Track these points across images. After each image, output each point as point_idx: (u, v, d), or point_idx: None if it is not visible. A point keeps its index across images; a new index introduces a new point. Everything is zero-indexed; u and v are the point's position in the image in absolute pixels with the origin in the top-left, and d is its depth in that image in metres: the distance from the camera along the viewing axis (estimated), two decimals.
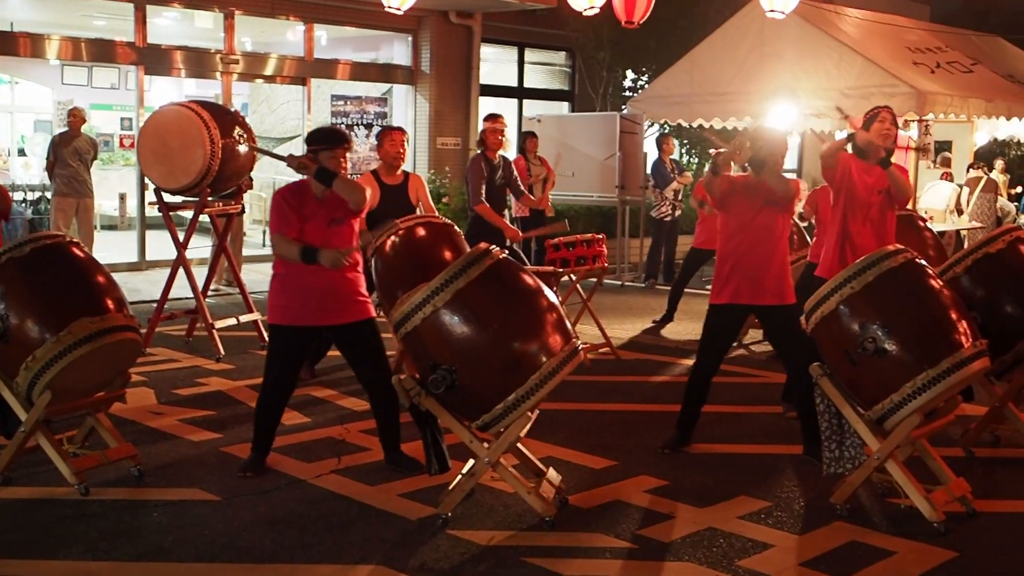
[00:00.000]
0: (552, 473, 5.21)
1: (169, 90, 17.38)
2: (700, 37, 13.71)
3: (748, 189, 6.00)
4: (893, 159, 6.34)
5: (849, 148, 6.38)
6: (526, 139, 12.91)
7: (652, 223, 13.75)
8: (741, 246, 5.95)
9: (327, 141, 5.49)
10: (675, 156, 16.69)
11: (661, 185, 13.40)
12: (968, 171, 15.28)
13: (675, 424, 6.19)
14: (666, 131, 15.60)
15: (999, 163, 17.94)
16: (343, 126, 15.27)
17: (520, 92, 18.43)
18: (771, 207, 5.96)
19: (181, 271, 8.54)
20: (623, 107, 15.52)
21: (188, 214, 8.94)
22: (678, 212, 13.60)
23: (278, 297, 5.53)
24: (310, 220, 5.44)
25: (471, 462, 4.98)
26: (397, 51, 16.60)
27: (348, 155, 5.52)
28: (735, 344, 8.59)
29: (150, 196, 8.65)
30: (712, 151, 12.34)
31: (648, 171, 14.08)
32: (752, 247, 5.94)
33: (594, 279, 8.93)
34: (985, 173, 15.05)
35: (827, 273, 5.95)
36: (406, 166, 7.88)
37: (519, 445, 5.11)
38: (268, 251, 15.08)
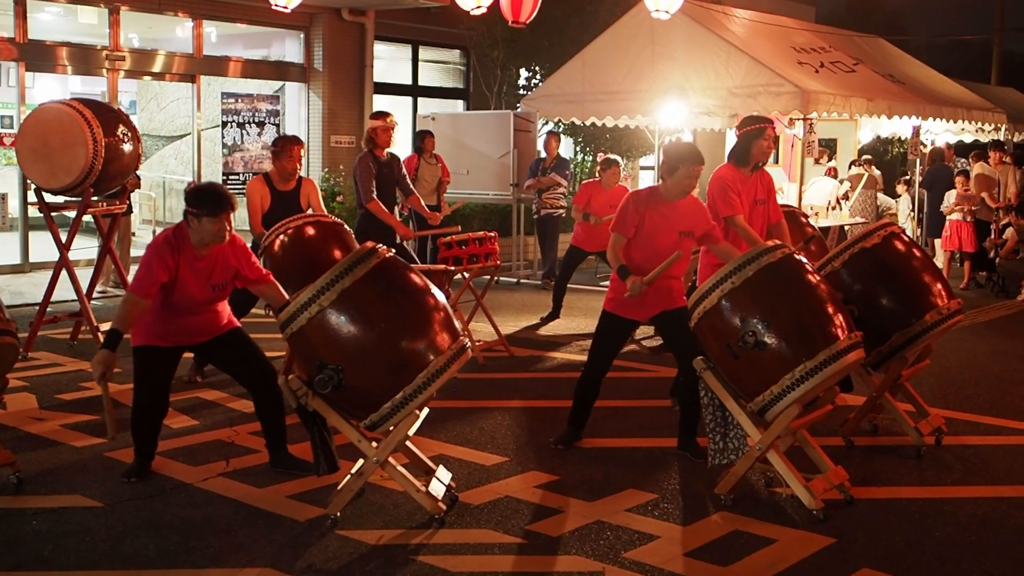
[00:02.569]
0: (442, 471, 5.22)
1: (53, 87, 16.91)
2: (592, 36, 13.84)
3: (663, 217, 5.83)
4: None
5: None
6: (423, 138, 12.83)
7: None
8: (651, 268, 5.71)
9: (211, 208, 5.21)
10: (568, 154, 16.81)
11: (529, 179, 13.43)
12: (850, 168, 15.71)
13: (567, 420, 6.25)
14: (559, 129, 15.71)
15: (866, 158, 18.47)
16: (233, 124, 15.02)
17: (415, 90, 18.37)
18: (687, 238, 5.86)
19: (64, 273, 8.32)
20: (517, 105, 15.59)
21: (73, 214, 8.73)
22: (544, 211, 13.22)
23: (142, 317, 5.31)
24: (193, 276, 5.30)
25: (360, 462, 4.97)
26: (289, 48, 16.42)
27: (232, 216, 5.30)
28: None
29: (32, 196, 8.40)
30: (600, 153, 12.38)
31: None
32: (664, 274, 5.75)
33: (487, 277, 8.97)
34: (867, 170, 15.50)
35: None
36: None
37: (408, 443, 5.10)
38: None
